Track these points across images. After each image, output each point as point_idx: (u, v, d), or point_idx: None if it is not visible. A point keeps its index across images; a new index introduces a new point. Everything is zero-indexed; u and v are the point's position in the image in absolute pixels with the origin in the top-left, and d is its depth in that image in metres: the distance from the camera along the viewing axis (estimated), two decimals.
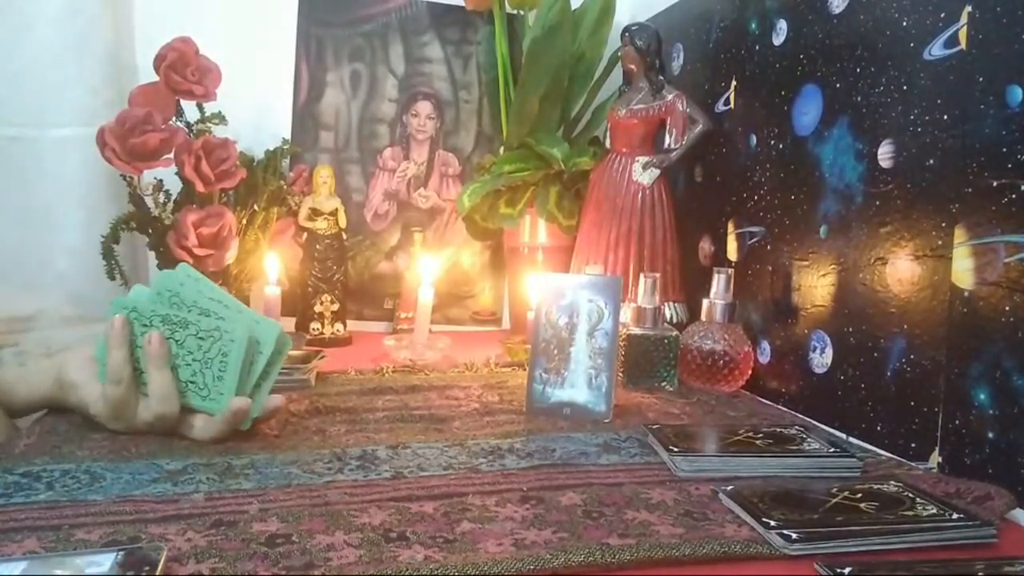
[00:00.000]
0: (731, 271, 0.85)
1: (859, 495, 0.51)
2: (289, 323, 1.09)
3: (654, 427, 0.66)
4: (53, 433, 0.63)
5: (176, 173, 0.97)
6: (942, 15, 0.61)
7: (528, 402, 0.75)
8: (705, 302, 0.86)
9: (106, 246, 0.96)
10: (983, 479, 0.54)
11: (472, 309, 1.27)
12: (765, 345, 0.85)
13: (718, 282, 0.85)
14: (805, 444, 0.62)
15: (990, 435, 0.55)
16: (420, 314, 0.99)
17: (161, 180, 1.00)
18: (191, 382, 0.61)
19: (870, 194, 0.69)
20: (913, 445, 0.63)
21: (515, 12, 1.22)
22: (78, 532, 0.45)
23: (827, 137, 0.75)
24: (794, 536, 0.45)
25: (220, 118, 1.04)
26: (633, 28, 1.01)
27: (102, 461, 0.57)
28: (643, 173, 1.00)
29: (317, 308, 1.09)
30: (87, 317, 0.99)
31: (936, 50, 0.62)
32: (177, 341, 0.61)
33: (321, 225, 1.10)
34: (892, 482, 0.54)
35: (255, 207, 1.08)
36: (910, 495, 0.51)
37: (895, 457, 0.64)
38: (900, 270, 0.65)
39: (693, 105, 0.97)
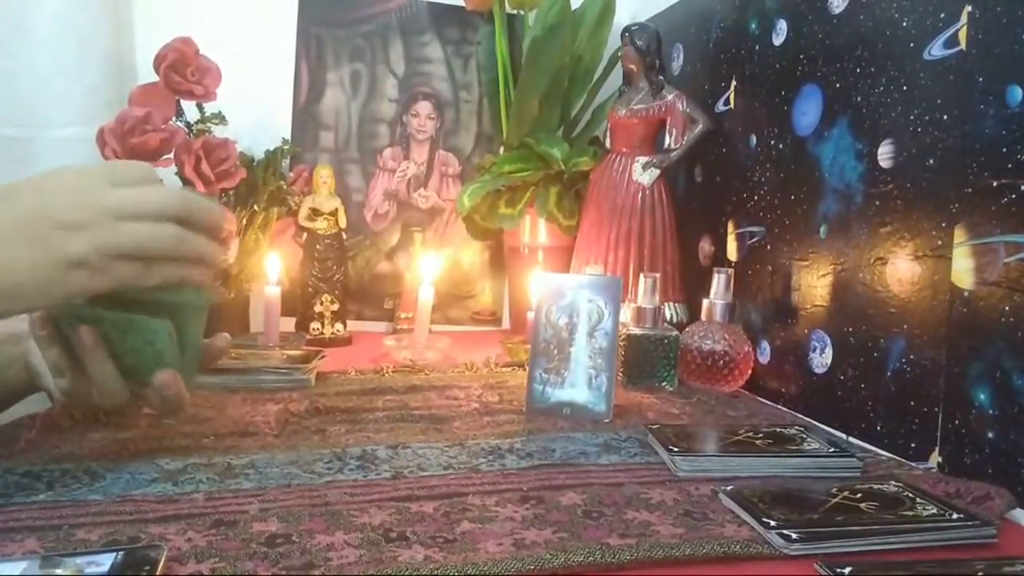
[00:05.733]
0: (731, 271, 0.85)
1: (859, 495, 0.51)
2: (289, 323, 1.09)
3: (654, 427, 0.66)
4: (53, 433, 0.63)
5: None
6: (942, 15, 0.61)
7: (528, 402, 0.75)
8: (705, 302, 0.86)
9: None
10: (983, 479, 0.54)
11: (472, 309, 1.27)
12: (765, 345, 0.85)
13: (718, 282, 0.85)
14: (805, 444, 0.62)
15: (990, 435, 0.55)
16: (420, 314, 0.99)
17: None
18: (134, 367, 0.56)
19: (870, 194, 0.69)
20: (913, 445, 0.63)
21: (515, 12, 1.22)
22: (78, 532, 0.45)
23: (827, 137, 0.75)
24: (794, 536, 0.45)
25: (220, 118, 1.04)
26: (633, 28, 1.01)
27: (102, 461, 0.57)
28: (643, 173, 1.00)
29: (317, 308, 1.09)
30: None
31: (936, 50, 0.62)
32: (103, 334, 0.55)
33: (321, 225, 1.10)
34: (892, 482, 0.54)
35: (255, 207, 1.08)
36: (910, 495, 0.51)
37: (895, 457, 0.64)
38: (900, 270, 0.65)
39: (693, 105, 0.97)
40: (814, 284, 0.76)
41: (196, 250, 0.52)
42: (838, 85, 0.73)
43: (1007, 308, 0.54)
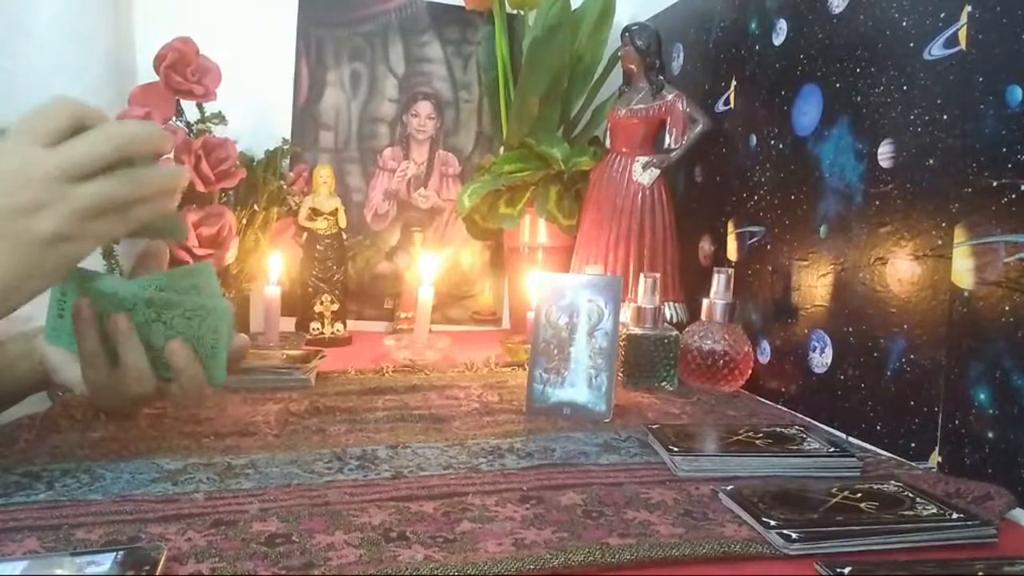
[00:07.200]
0: (731, 271, 0.85)
1: (859, 495, 0.51)
2: (289, 323, 1.10)
3: (654, 427, 0.66)
4: (53, 433, 0.63)
5: None
6: (942, 15, 0.61)
7: (528, 402, 0.75)
8: (705, 302, 0.86)
9: (106, 246, 0.96)
10: (983, 479, 0.54)
11: (472, 309, 1.27)
12: (765, 345, 0.85)
13: (718, 282, 0.85)
14: (805, 444, 0.62)
15: (990, 435, 0.55)
16: (420, 314, 0.99)
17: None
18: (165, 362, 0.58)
19: (870, 194, 0.69)
20: (913, 445, 0.63)
21: (515, 12, 1.22)
22: (78, 532, 0.45)
23: (827, 137, 0.75)
24: (794, 536, 0.45)
25: (220, 118, 1.04)
26: (633, 28, 1.01)
27: (102, 461, 0.57)
28: (643, 173, 1.00)
29: (317, 308, 1.09)
30: None
31: (936, 50, 0.62)
32: (165, 323, 0.58)
33: (321, 225, 1.10)
34: (892, 482, 0.54)
35: (255, 207, 1.08)
36: (910, 495, 0.51)
37: (895, 457, 0.64)
38: (900, 270, 0.65)
39: (693, 105, 0.97)
40: (814, 284, 0.76)
41: (155, 182, 0.51)
42: (838, 85, 0.74)
43: (1007, 308, 0.54)
